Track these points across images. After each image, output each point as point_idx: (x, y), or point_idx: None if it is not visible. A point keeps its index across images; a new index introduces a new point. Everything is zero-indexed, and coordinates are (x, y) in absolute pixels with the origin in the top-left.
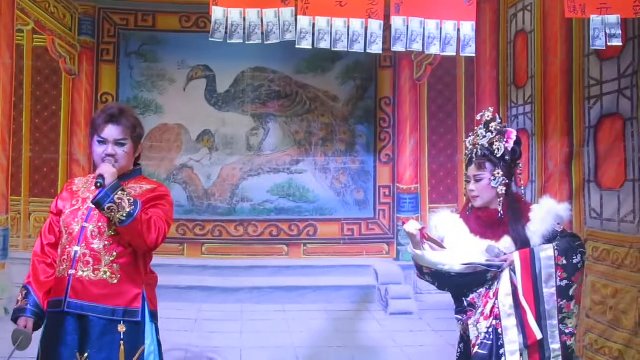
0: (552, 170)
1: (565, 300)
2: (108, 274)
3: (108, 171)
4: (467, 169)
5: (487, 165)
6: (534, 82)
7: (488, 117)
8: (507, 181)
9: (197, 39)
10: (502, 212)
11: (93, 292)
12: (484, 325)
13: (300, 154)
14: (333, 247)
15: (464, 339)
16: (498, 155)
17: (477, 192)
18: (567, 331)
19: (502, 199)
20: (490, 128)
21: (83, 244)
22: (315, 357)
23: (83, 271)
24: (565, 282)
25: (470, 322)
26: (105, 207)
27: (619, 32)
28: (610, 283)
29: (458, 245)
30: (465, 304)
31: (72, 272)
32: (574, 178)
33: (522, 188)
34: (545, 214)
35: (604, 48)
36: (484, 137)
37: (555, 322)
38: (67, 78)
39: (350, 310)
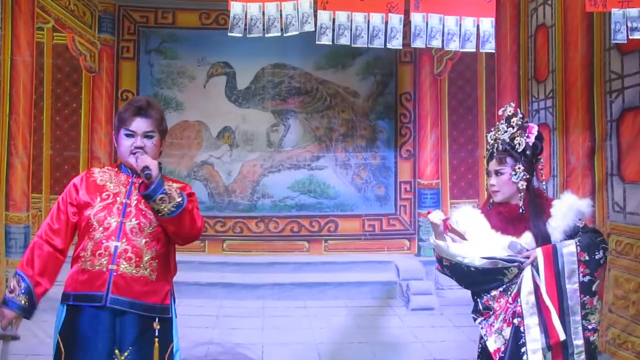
0: (574, 165)
1: (588, 296)
2: (148, 270)
3: (152, 163)
4: (488, 164)
5: (508, 160)
6: (554, 77)
7: (510, 112)
8: (527, 176)
9: (216, 35)
10: (522, 207)
11: (135, 289)
12: (508, 331)
13: (320, 150)
14: (354, 243)
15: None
16: (519, 150)
17: (497, 187)
18: (590, 327)
19: (522, 194)
20: (511, 123)
21: (124, 240)
22: (336, 353)
23: (125, 267)
24: (587, 277)
25: (493, 329)
26: (157, 199)
27: None
28: (633, 277)
29: (479, 241)
30: (480, 306)
31: (112, 267)
32: (596, 172)
33: (544, 183)
34: (567, 209)
35: (626, 42)
36: (505, 132)
37: (578, 318)
38: (87, 75)
39: (371, 306)
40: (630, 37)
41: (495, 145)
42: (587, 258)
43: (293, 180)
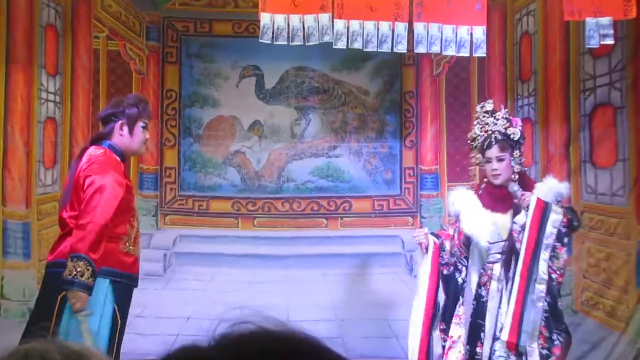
0: (552, 153)
1: (559, 244)
2: None
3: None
4: (483, 152)
5: (507, 147)
6: (536, 77)
7: (489, 107)
8: (522, 160)
9: (247, 42)
10: (518, 186)
11: None
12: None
13: (336, 141)
14: (365, 220)
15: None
16: (515, 139)
17: (500, 171)
18: (553, 267)
19: (517, 176)
20: (497, 116)
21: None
22: (351, 313)
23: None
24: (565, 229)
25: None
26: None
27: (611, 32)
28: (603, 248)
29: (473, 216)
30: None
31: (139, 252)
32: (572, 159)
33: (527, 168)
34: (548, 190)
35: (598, 47)
36: (495, 124)
37: (546, 256)
38: (137, 77)
39: (380, 274)
40: (601, 42)
41: (492, 135)
42: (569, 218)
43: (313, 167)
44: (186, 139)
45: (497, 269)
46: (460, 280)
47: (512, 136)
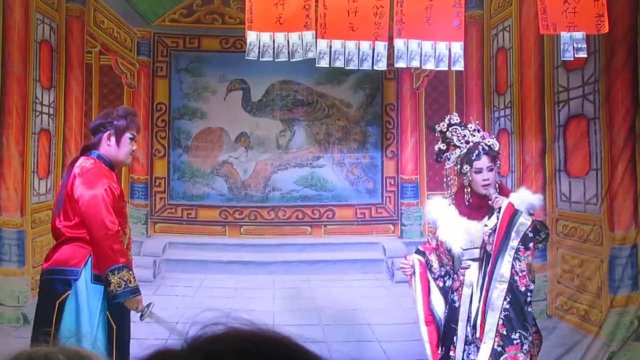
0: (528, 162)
1: (523, 247)
2: None
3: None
4: (471, 163)
5: (494, 157)
6: (512, 90)
7: (455, 120)
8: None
9: (234, 57)
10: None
11: None
12: None
13: (320, 151)
14: (348, 227)
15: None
16: (495, 149)
17: (490, 181)
18: (516, 268)
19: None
20: (470, 128)
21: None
22: (334, 318)
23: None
24: (530, 234)
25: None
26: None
27: (584, 45)
28: (577, 255)
29: (449, 224)
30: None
31: (132, 257)
32: (547, 168)
33: (503, 177)
34: (520, 201)
35: (572, 59)
36: (473, 135)
37: (510, 258)
38: (128, 91)
39: (362, 280)
40: (576, 55)
41: (480, 146)
42: (537, 227)
43: (298, 176)
44: (175, 149)
45: (469, 275)
46: None
47: (493, 147)
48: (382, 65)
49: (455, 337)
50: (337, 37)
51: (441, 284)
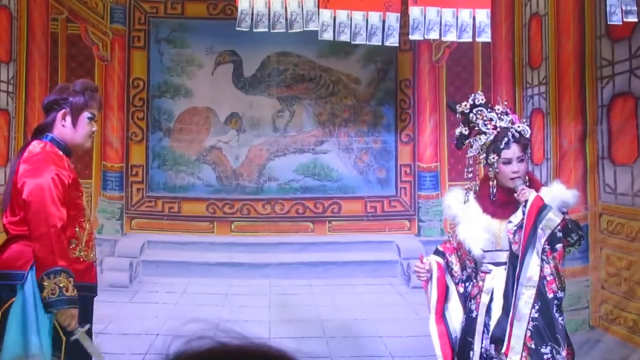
0: (566, 148)
1: (549, 246)
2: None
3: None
4: (499, 152)
5: (525, 146)
6: (548, 64)
7: (481, 100)
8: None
9: (224, 25)
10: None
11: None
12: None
13: (324, 135)
14: (357, 223)
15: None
16: (526, 136)
17: (520, 173)
18: (544, 272)
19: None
20: (498, 111)
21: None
22: (340, 329)
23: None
24: (559, 234)
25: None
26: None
27: (635, 8)
28: (624, 255)
29: (470, 223)
30: None
31: (95, 257)
32: (587, 155)
33: (537, 165)
34: (552, 197)
35: (620, 24)
36: (501, 119)
37: (537, 257)
38: (100, 64)
39: (373, 285)
40: (624, 19)
41: (510, 133)
42: (568, 226)
43: (298, 164)
44: (155, 133)
45: (489, 281)
46: None
47: (524, 133)
48: (394, 41)
49: (472, 352)
50: (342, 7)
51: (461, 290)
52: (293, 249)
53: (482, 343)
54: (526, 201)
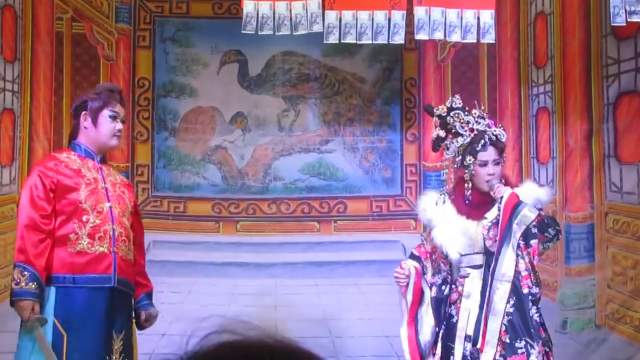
0: (572, 147)
1: (523, 242)
2: (132, 253)
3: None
4: (476, 154)
5: (502, 149)
6: (553, 62)
7: (458, 104)
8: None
9: (229, 24)
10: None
11: (129, 270)
12: None
13: (329, 134)
14: (362, 223)
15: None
16: (503, 141)
17: (496, 176)
18: (518, 267)
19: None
20: (475, 114)
21: (117, 224)
22: (346, 329)
23: (123, 250)
24: (534, 230)
25: None
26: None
27: (639, 8)
28: (630, 254)
29: (445, 224)
30: None
31: (115, 249)
32: (594, 154)
33: (544, 163)
34: (526, 195)
35: (624, 24)
36: (478, 122)
37: (512, 252)
38: (105, 64)
39: (379, 284)
40: (628, 19)
41: (487, 136)
42: (544, 222)
43: (303, 163)
44: (160, 132)
45: (468, 285)
46: None
47: (500, 137)
48: (399, 39)
49: (452, 358)
50: (347, 8)
51: (433, 293)
52: (299, 249)
53: (463, 347)
54: (501, 198)
